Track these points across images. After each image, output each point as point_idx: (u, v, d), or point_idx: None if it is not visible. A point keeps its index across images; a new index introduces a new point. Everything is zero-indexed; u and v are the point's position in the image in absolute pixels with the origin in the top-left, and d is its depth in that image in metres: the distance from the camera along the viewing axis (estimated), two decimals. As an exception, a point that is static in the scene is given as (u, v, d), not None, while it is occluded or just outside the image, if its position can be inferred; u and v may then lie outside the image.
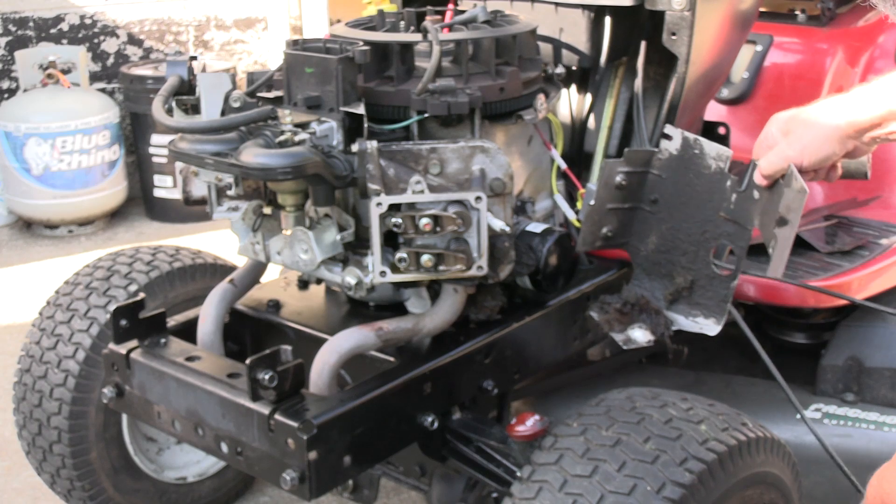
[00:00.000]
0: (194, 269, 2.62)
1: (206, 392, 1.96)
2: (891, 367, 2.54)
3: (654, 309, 2.15)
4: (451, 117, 2.00)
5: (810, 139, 1.81)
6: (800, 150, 1.82)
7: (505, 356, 2.17)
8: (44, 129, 5.07)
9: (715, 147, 2.06)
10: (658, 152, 2.11)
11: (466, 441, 2.07)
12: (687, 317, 2.14)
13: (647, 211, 2.14)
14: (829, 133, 1.79)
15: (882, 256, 2.60)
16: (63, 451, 2.47)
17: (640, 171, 2.11)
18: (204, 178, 2.02)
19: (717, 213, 2.06)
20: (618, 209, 2.12)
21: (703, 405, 1.84)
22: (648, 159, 2.11)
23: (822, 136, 1.80)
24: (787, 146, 1.84)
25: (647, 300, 2.16)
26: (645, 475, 1.66)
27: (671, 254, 2.14)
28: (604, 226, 2.12)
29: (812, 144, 1.81)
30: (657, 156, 2.11)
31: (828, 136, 1.79)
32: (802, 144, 1.82)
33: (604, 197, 2.10)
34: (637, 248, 2.16)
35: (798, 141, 1.83)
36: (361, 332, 2.00)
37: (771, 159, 1.88)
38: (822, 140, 1.80)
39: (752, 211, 2.01)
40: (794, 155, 1.83)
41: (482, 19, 2.23)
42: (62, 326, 2.47)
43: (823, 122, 1.80)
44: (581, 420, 1.82)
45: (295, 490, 1.83)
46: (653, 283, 2.17)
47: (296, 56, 2.00)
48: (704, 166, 2.07)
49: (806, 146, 1.82)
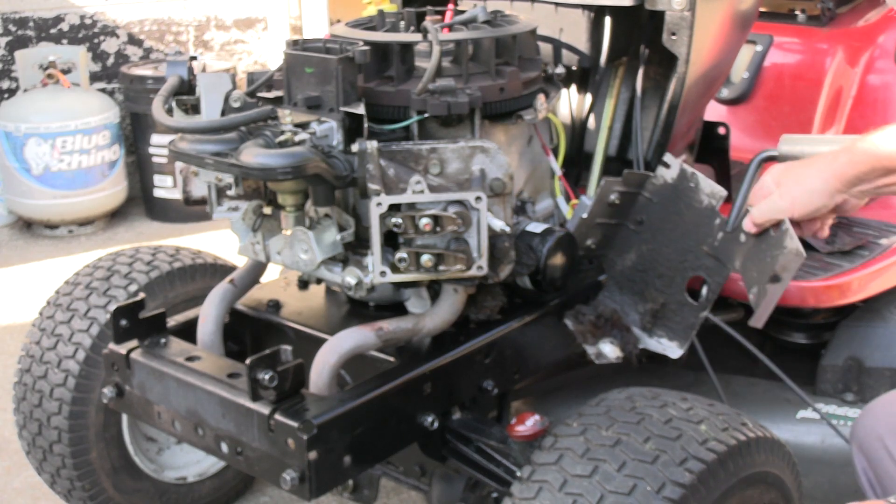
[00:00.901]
0: (194, 269, 2.61)
1: (207, 392, 1.96)
2: (891, 367, 2.54)
3: (625, 326, 2.19)
4: (451, 117, 2.00)
5: (800, 192, 1.89)
6: (790, 202, 1.91)
7: (505, 356, 2.17)
8: (44, 129, 5.07)
9: (710, 185, 2.15)
10: (654, 177, 2.18)
11: (466, 441, 2.07)
12: (651, 336, 2.20)
13: (632, 229, 2.19)
14: (818, 187, 1.87)
15: (882, 256, 2.60)
16: (63, 451, 2.47)
17: (633, 192, 2.14)
18: (204, 178, 2.02)
19: (701, 245, 2.12)
20: (605, 224, 2.16)
21: (703, 405, 1.84)
22: (643, 182, 2.18)
23: (812, 190, 1.88)
24: (779, 197, 1.92)
25: (619, 316, 2.21)
26: (645, 475, 1.66)
27: (647, 274, 2.21)
28: (589, 238, 2.17)
29: (802, 197, 1.89)
30: (652, 180, 2.18)
31: (817, 190, 1.87)
32: (793, 196, 1.90)
33: (596, 212, 2.17)
34: (614, 262, 2.21)
35: (789, 193, 1.91)
36: (361, 332, 1.99)
37: (763, 209, 1.96)
38: (811, 193, 1.88)
39: (735, 252, 2.11)
40: (786, 206, 1.92)
41: (482, 19, 2.23)
42: (62, 326, 2.47)
43: (814, 175, 1.88)
44: (581, 420, 1.82)
45: (295, 490, 1.83)
46: (623, 297, 2.23)
47: (296, 56, 1.99)
48: (696, 200, 2.15)
49: (796, 198, 1.90)
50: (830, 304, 2.56)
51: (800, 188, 1.89)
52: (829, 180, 1.85)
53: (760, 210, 1.96)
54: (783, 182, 1.93)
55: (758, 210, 1.97)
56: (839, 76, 3.12)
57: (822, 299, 2.50)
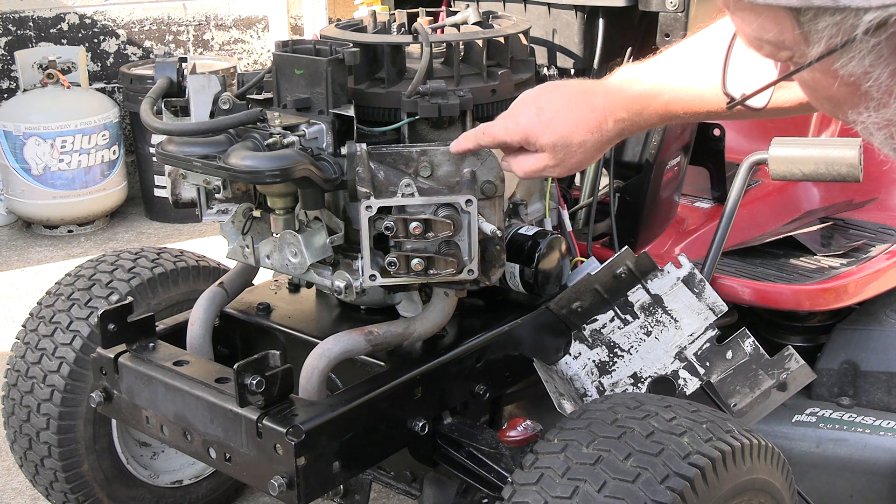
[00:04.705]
0: (177, 273, 2.58)
1: (194, 397, 1.95)
2: (886, 370, 2.52)
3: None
4: (442, 119, 1.98)
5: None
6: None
7: (496, 360, 2.15)
8: (44, 129, 5.07)
9: (714, 297, 2.16)
10: (661, 270, 2.17)
11: (457, 446, 2.05)
12: None
13: (616, 311, 2.18)
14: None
15: (878, 259, 2.58)
16: (54, 466, 2.46)
17: (638, 276, 2.16)
18: (192, 180, 2.01)
19: (681, 348, 2.13)
20: (597, 293, 2.15)
21: (686, 413, 1.80)
22: (650, 271, 2.17)
23: None
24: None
25: None
26: (626, 496, 1.63)
27: (614, 351, 2.20)
28: (579, 300, 2.16)
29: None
30: (657, 271, 2.17)
31: None
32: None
33: (600, 278, 2.17)
34: (584, 330, 2.20)
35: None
36: (351, 337, 1.98)
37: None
38: None
39: (716, 366, 2.16)
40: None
41: (474, 21, 2.21)
42: (46, 340, 2.45)
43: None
44: (561, 436, 1.79)
45: (283, 496, 1.82)
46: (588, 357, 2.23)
47: (285, 58, 1.98)
48: (695, 305, 2.15)
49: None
50: (826, 307, 2.54)
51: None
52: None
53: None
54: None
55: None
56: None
57: (818, 302, 2.48)
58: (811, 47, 0.81)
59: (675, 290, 2.16)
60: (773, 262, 2.60)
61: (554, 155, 1.71)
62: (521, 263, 2.12)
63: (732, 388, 2.14)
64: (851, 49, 0.79)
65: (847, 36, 0.78)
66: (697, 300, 2.14)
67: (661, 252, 2.52)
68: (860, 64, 0.79)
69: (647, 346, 2.20)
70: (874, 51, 0.78)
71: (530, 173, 1.78)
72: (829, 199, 2.90)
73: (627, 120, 1.65)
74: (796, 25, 0.81)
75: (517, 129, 1.74)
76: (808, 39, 0.81)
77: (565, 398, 2.13)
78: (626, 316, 2.20)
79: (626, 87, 1.65)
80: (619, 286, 2.19)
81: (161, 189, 5.38)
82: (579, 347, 2.24)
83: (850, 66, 0.80)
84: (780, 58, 0.89)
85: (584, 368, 2.23)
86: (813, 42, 0.81)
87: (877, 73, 0.79)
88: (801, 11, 0.80)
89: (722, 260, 2.44)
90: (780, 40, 0.84)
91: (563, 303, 2.19)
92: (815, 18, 0.79)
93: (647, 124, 1.68)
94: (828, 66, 0.82)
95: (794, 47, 0.84)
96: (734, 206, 2.20)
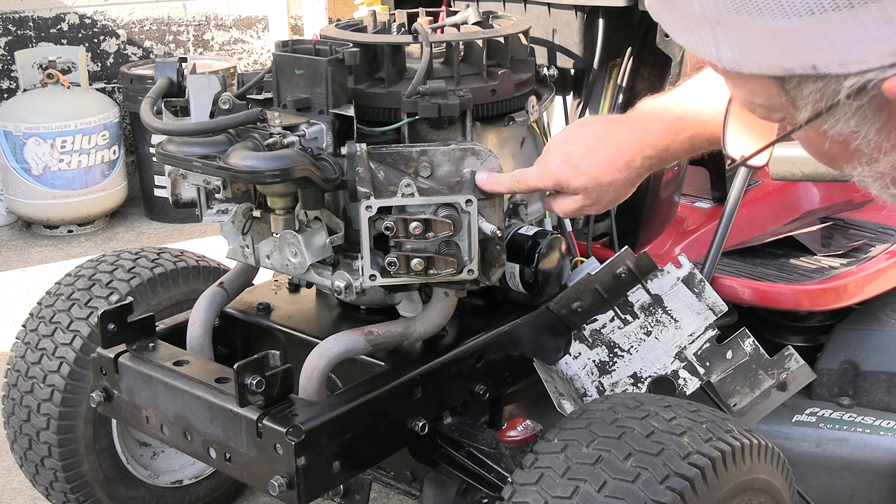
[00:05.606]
0: (177, 273, 2.59)
1: (194, 397, 1.95)
2: (887, 370, 2.52)
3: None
4: (442, 119, 1.98)
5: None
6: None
7: (496, 360, 2.15)
8: (44, 129, 5.07)
9: (714, 297, 2.17)
10: (661, 270, 2.18)
11: (457, 446, 2.06)
12: None
13: (615, 311, 2.19)
14: None
15: (878, 259, 2.58)
16: (54, 466, 2.46)
17: (638, 276, 2.17)
18: (192, 181, 2.00)
19: (681, 348, 2.14)
20: (597, 293, 2.15)
21: (686, 413, 1.80)
22: (650, 271, 2.18)
23: None
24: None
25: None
26: (626, 496, 1.63)
27: (614, 351, 2.19)
28: (579, 300, 2.16)
29: None
30: (657, 271, 2.18)
31: None
32: None
33: (600, 278, 2.17)
34: (584, 330, 2.20)
35: None
36: (351, 337, 1.98)
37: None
38: None
39: (716, 366, 2.17)
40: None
41: (474, 21, 2.21)
42: (46, 340, 2.45)
43: None
44: (561, 435, 1.79)
45: (283, 497, 1.82)
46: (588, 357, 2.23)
47: (285, 58, 1.98)
48: (695, 305, 2.14)
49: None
50: (826, 307, 2.54)
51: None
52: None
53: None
54: None
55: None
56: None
57: (818, 302, 2.48)
58: (799, 111, 0.84)
59: (675, 290, 2.16)
60: (773, 262, 2.60)
61: (587, 196, 1.79)
62: (521, 263, 2.12)
63: (732, 388, 2.14)
64: (837, 112, 0.82)
65: (831, 101, 0.80)
66: (697, 300, 2.14)
67: (661, 252, 2.52)
68: (847, 125, 0.82)
69: (647, 346, 2.20)
70: (858, 112, 0.81)
71: (569, 213, 1.87)
72: (829, 199, 2.90)
73: (655, 157, 1.73)
74: (782, 92, 0.84)
75: (548, 176, 1.82)
76: (796, 104, 0.84)
77: (565, 398, 2.13)
78: (626, 316, 2.20)
79: (649, 125, 1.71)
80: (619, 286, 2.19)
81: (161, 189, 5.38)
82: (579, 347, 2.24)
83: (838, 128, 0.83)
84: (773, 119, 0.92)
85: (584, 368, 2.23)
86: (800, 107, 0.83)
87: (864, 131, 0.82)
88: (785, 79, 0.82)
89: (722, 260, 2.44)
90: (770, 104, 0.87)
91: (563, 303, 2.19)
92: (799, 85, 0.82)
93: (673, 158, 1.75)
94: (818, 127, 0.85)
95: (784, 110, 0.87)
96: (734, 206, 2.20)
